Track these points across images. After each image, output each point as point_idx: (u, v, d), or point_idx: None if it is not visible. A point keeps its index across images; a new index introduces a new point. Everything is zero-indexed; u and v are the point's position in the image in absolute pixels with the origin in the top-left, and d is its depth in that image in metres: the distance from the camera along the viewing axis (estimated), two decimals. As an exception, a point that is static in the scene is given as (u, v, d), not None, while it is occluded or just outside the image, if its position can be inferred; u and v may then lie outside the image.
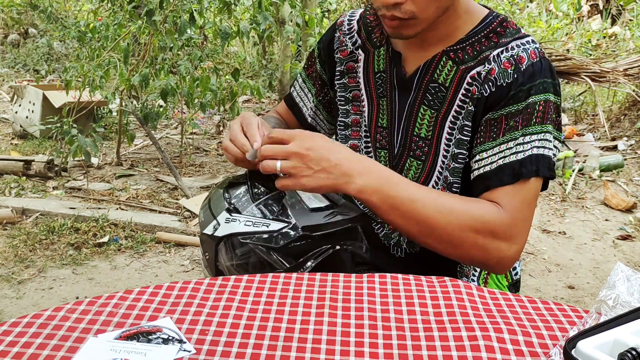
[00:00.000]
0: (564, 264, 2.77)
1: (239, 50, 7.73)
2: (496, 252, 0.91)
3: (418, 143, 1.03)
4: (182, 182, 3.53)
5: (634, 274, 0.67)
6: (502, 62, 0.94)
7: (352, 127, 1.11)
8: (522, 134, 0.92)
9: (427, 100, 1.01)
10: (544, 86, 0.93)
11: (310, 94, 1.20)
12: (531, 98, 0.92)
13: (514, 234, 0.91)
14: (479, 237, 0.89)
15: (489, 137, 0.94)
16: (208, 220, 0.93)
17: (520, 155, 0.91)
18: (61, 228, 2.87)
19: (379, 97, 1.07)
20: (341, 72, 1.12)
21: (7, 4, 7.72)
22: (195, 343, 0.64)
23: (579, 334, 0.58)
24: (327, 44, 1.15)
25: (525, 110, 0.92)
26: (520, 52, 0.94)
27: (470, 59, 0.98)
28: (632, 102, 4.84)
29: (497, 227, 0.89)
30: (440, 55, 1.00)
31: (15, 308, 2.23)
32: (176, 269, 2.60)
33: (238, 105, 3.93)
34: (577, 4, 4.85)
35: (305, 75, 1.21)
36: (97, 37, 4.09)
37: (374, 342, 0.64)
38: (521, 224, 0.92)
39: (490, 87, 0.95)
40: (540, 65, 0.94)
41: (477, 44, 0.98)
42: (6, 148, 4.33)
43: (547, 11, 7.80)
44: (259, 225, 0.88)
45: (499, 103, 0.94)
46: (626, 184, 3.82)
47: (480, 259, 0.92)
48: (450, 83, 0.99)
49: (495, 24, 0.99)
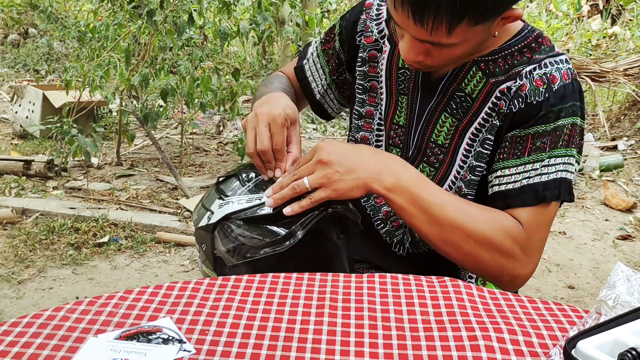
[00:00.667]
0: (564, 264, 2.77)
1: (239, 50, 7.73)
2: (511, 269, 0.90)
3: (434, 150, 1.01)
4: (182, 182, 3.53)
5: (634, 274, 0.67)
6: (535, 79, 0.92)
7: (365, 118, 1.09)
8: (549, 156, 0.91)
9: (450, 107, 0.99)
10: (573, 109, 0.91)
11: (322, 71, 1.16)
12: (560, 121, 0.91)
13: (530, 252, 0.90)
14: (497, 253, 0.89)
15: (513, 154, 0.93)
16: (202, 215, 0.94)
17: (544, 177, 0.90)
18: (61, 228, 2.87)
19: (399, 94, 1.05)
20: (363, 60, 1.09)
21: (7, 4, 7.72)
22: (195, 343, 0.64)
23: (579, 334, 0.58)
24: (351, 24, 1.10)
25: (554, 132, 0.91)
26: (553, 71, 0.92)
27: (501, 73, 0.95)
28: (632, 102, 4.84)
29: (517, 245, 0.89)
30: (471, 65, 0.97)
31: (15, 308, 2.23)
32: (176, 269, 2.60)
33: (238, 105, 3.93)
34: (577, 4, 4.85)
35: (321, 49, 1.16)
36: (97, 37, 4.09)
37: (374, 342, 0.64)
38: (538, 244, 0.91)
39: (520, 103, 0.92)
40: (572, 88, 0.92)
41: (510, 58, 0.95)
42: (6, 148, 4.33)
43: (547, 11, 7.81)
44: (252, 200, 0.89)
45: (527, 121, 0.92)
46: (626, 184, 3.82)
47: (495, 274, 0.92)
48: (477, 94, 0.96)
49: (530, 38, 0.96)
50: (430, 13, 0.80)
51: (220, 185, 0.98)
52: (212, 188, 0.99)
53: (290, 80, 1.21)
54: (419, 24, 0.82)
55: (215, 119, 5.17)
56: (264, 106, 0.96)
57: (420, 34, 0.84)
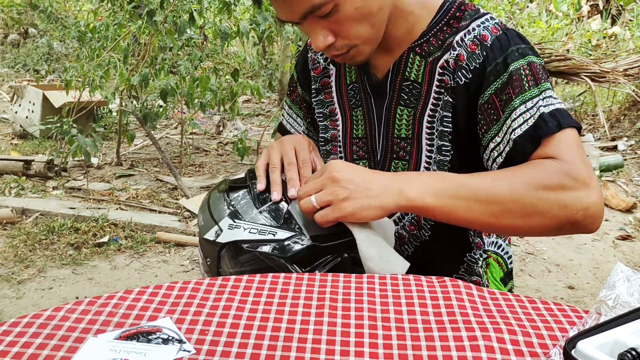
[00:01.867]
0: (564, 264, 2.77)
1: (238, 50, 7.73)
2: (578, 203, 0.81)
3: (400, 144, 1.02)
4: (182, 182, 3.53)
5: (634, 274, 0.67)
6: (468, 46, 0.93)
7: (331, 142, 1.11)
8: (521, 101, 0.88)
9: (402, 100, 1.01)
10: (519, 51, 0.90)
11: (299, 118, 1.20)
12: (511, 66, 0.89)
13: (582, 177, 0.81)
14: (552, 193, 0.81)
15: (491, 120, 0.91)
16: (209, 225, 0.90)
17: (530, 121, 0.86)
18: (61, 228, 2.87)
19: (352, 109, 1.07)
20: (317, 89, 1.12)
21: (7, 4, 7.72)
22: (195, 343, 0.63)
23: (578, 334, 0.58)
24: (302, 66, 1.15)
25: (510, 79, 0.89)
26: (481, 31, 0.93)
27: (435, 50, 0.97)
28: (632, 102, 4.84)
29: (564, 178, 0.81)
30: (407, 53, 0.99)
31: (15, 308, 2.23)
32: (176, 269, 2.60)
33: (238, 105, 3.93)
34: (577, 4, 4.85)
35: (290, 101, 1.21)
36: (97, 37, 4.09)
37: (373, 342, 0.64)
38: (584, 166, 0.83)
39: (465, 74, 0.93)
40: (506, 36, 0.92)
41: (440, 33, 0.97)
42: (6, 148, 4.33)
43: (547, 11, 7.81)
44: (265, 234, 0.85)
45: (481, 86, 0.91)
46: (626, 184, 3.82)
47: (565, 217, 0.82)
48: (422, 78, 0.98)
49: (453, 9, 0.97)
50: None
51: (230, 192, 0.94)
52: (220, 194, 0.94)
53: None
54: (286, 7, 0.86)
55: (215, 119, 5.17)
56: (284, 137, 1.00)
57: (293, 8, 0.86)
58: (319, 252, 0.85)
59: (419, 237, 1.05)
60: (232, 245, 0.86)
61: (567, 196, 0.81)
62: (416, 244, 1.06)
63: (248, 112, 5.83)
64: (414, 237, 1.06)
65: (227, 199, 0.93)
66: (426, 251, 1.04)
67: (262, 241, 0.85)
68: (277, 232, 0.85)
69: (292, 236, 0.85)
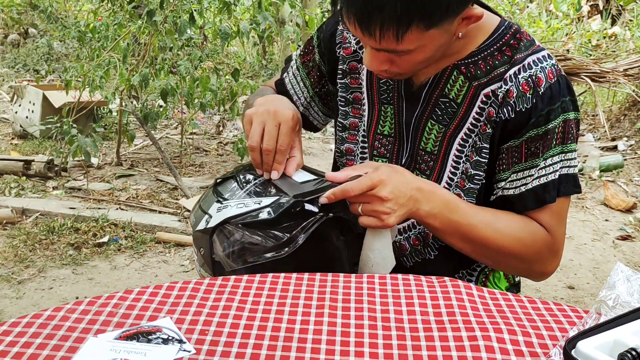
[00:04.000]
0: (564, 264, 2.77)
1: (239, 50, 7.73)
2: (541, 268, 0.98)
3: (424, 157, 1.00)
4: (182, 182, 3.53)
5: (634, 274, 0.67)
6: (521, 84, 0.91)
7: (349, 130, 1.08)
8: (544, 158, 0.92)
9: (435, 114, 0.98)
10: (562, 107, 0.91)
11: (303, 84, 1.13)
12: (551, 124, 0.91)
13: (555, 251, 0.97)
14: (526, 260, 0.96)
15: (511, 163, 0.94)
16: (200, 218, 0.93)
17: (543, 179, 0.92)
18: (61, 228, 2.86)
19: (382, 104, 1.03)
20: (343, 72, 1.07)
21: (7, 4, 7.72)
22: (195, 343, 0.63)
23: (579, 334, 0.58)
24: (328, 36, 1.08)
25: (545, 135, 0.91)
26: (538, 72, 0.91)
27: (483, 75, 0.94)
28: (632, 102, 4.84)
29: (544, 248, 0.95)
30: (451, 70, 0.96)
31: (15, 308, 2.23)
32: (176, 269, 2.60)
33: (238, 105, 3.93)
34: (577, 4, 4.85)
35: (301, 62, 1.14)
36: (97, 37, 4.09)
37: (373, 342, 0.64)
38: (561, 241, 0.97)
39: (510, 112, 0.92)
40: (559, 86, 0.91)
41: (490, 58, 0.94)
42: (6, 148, 4.33)
43: (547, 11, 7.81)
44: (251, 205, 0.89)
45: (519, 130, 0.92)
46: (626, 184, 3.82)
47: (526, 274, 1.01)
48: (462, 99, 0.96)
49: (508, 35, 0.95)
50: (375, 22, 0.80)
51: (218, 187, 0.97)
52: (210, 190, 0.98)
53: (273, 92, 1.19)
54: (367, 34, 0.82)
55: (215, 119, 5.17)
56: (274, 103, 0.96)
57: (372, 43, 0.85)
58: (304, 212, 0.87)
59: (422, 253, 1.04)
60: (222, 228, 0.88)
61: (537, 264, 0.98)
62: (417, 260, 1.05)
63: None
64: (416, 252, 1.04)
65: (215, 192, 0.96)
66: (425, 267, 1.04)
67: (249, 212, 0.87)
68: (263, 200, 0.89)
69: (275, 200, 0.88)
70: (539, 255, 0.96)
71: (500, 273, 1.11)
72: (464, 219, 0.92)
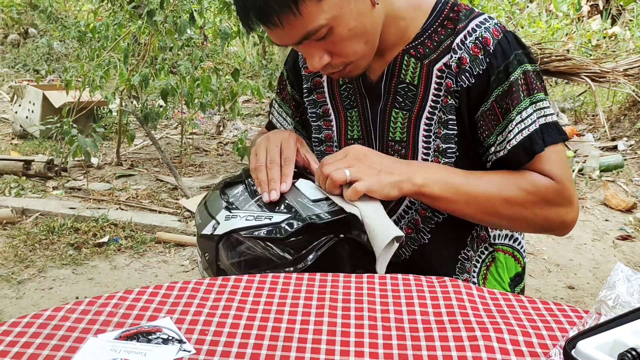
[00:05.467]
0: (564, 264, 2.77)
1: (239, 50, 7.73)
2: (559, 218, 0.95)
3: (394, 147, 1.02)
4: (182, 182, 3.53)
5: (634, 274, 0.67)
6: (470, 48, 0.94)
7: (326, 143, 1.11)
8: (517, 112, 0.93)
9: (397, 102, 1.01)
10: (518, 59, 0.94)
11: (288, 117, 1.19)
12: (512, 76, 0.93)
13: (567, 197, 0.94)
14: (539, 208, 0.93)
15: (492, 126, 0.95)
16: (206, 221, 0.91)
17: (525, 132, 0.93)
18: (61, 228, 2.87)
19: (346, 109, 1.07)
20: (309, 89, 1.11)
21: (7, 4, 7.72)
22: (195, 343, 0.64)
23: (579, 334, 0.58)
24: (292, 64, 1.14)
25: (510, 89, 0.93)
26: (483, 32, 0.94)
27: (431, 52, 0.97)
28: (632, 102, 4.84)
29: (552, 194, 0.93)
30: (402, 56, 0.99)
31: (15, 308, 2.23)
32: (176, 269, 2.60)
33: (238, 105, 3.93)
34: (577, 4, 4.85)
35: (280, 99, 1.20)
36: (97, 37, 4.09)
37: (373, 342, 0.64)
38: (570, 186, 0.94)
39: (469, 78, 0.94)
40: (507, 41, 0.94)
41: (435, 35, 0.97)
42: (6, 148, 4.33)
43: (547, 11, 7.81)
44: (261, 219, 0.87)
45: (485, 92, 0.94)
46: (626, 184, 3.82)
47: (545, 227, 0.97)
48: (418, 80, 0.98)
49: (446, 10, 0.98)
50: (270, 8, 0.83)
51: (226, 189, 0.95)
52: (217, 192, 0.96)
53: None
54: (272, 26, 0.86)
55: (215, 119, 5.17)
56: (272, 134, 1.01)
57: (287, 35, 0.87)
58: (315, 232, 0.85)
59: (416, 240, 1.05)
60: (228, 236, 0.86)
61: (552, 212, 0.94)
62: (414, 247, 1.06)
63: (248, 112, 5.83)
64: (411, 241, 1.06)
65: (223, 195, 0.94)
66: (423, 253, 1.05)
67: (258, 226, 0.86)
68: (274, 216, 0.87)
69: (287, 218, 0.86)
70: (548, 202, 0.93)
71: (503, 262, 1.10)
72: (464, 179, 0.92)
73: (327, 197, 0.91)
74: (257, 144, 1.00)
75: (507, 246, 1.10)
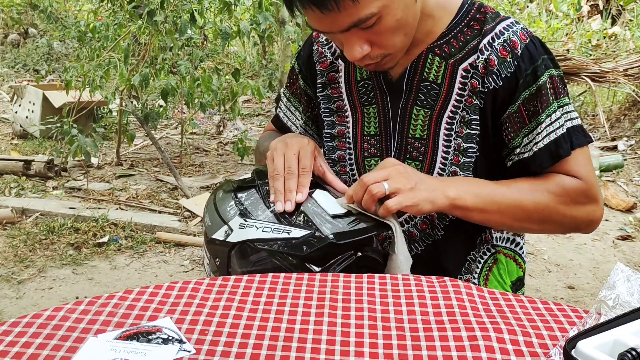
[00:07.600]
0: (564, 264, 2.77)
1: (239, 50, 7.73)
2: (587, 217, 0.98)
3: (414, 144, 1.02)
4: (182, 182, 3.53)
5: (634, 274, 0.67)
6: (499, 50, 0.94)
7: (338, 138, 1.11)
8: (546, 115, 0.94)
9: (419, 100, 1.01)
10: (545, 64, 0.95)
11: (297, 112, 1.18)
12: (540, 80, 0.94)
13: (593, 196, 0.96)
14: (568, 209, 0.95)
15: (518, 128, 0.96)
16: (217, 225, 0.89)
17: (552, 135, 0.95)
18: (61, 228, 2.87)
19: (364, 106, 1.06)
20: (323, 84, 1.11)
21: (7, 4, 7.72)
22: (195, 343, 0.64)
23: (579, 334, 0.58)
24: (306, 58, 1.13)
25: (539, 92, 0.94)
26: (511, 36, 0.95)
27: (457, 51, 0.98)
28: (632, 102, 4.84)
29: (579, 195, 0.95)
30: (426, 54, 0.99)
31: (15, 308, 2.23)
32: (176, 269, 2.60)
33: (238, 105, 3.93)
34: (577, 4, 4.85)
35: (290, 93, 1.19)
36: (97, 37, 4.09)
37: (373, 342, 0.64)
38: (595, 185, 0.97)
39: (496, 80, 0.95)
40: (534, 46, 0.95)
41: (460, 35, 0.98)
42: (6, 148, 4.33)
43: (547, 11, 7.80)
44: (279, 232, 0.84)
45: (512, 95, 0.95)
46: (626, 184, 3.82)
47: (574, 227, 0.99)
48: (442, 79, 0.98)
49: (473, 11, 0.99)
50: None
51: (238, 193, 0.93)
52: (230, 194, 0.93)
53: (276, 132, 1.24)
54: (327, 10, 0.83)
55: (215, 119, 5.17)
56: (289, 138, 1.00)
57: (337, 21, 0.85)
58: (335, 250, 0.84)
59: (431, 235, 1.05)
60: (243, 245, 0.84)
61: (580, 211, 0.96)
62: (428, 242, 1.06)
63: (248, 112, 5.83)
64: (425, 236, 1.05)
65: (235, 198, 0.92)
66: (436, 249, 1.05)
67: (276, 240, 0.84)
68: (292, 231, 0.85)
69: (307, 234, 0.84)
70: (577, 202, 0.95)
71: (505, 264, 1.10)
72: (494, 189, 0.94)
73: (346, 212, 0.89)
74: (273, 147, 0.99)
75: (509, 249, 1.10)
